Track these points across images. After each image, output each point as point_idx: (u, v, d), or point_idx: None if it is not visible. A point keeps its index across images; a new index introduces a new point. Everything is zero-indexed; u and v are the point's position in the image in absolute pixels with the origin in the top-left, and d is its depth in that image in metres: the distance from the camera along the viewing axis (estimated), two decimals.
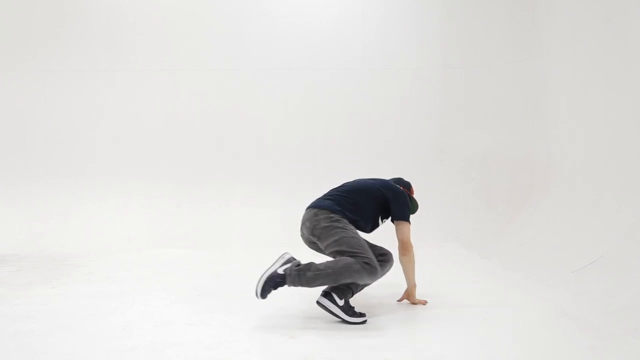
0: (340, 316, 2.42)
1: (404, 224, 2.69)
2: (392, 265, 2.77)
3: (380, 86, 5.72)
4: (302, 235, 2.75)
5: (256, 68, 5.72)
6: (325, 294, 2.45)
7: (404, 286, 2.84)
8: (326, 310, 2.44)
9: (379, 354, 2.04)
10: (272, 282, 2.35)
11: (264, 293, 2.36)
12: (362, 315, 2.47)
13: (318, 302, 2.47)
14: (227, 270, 3.95)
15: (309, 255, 2.79)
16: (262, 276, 2.38)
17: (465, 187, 5.53)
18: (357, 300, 2.70)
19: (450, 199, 5.50)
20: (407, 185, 2.96)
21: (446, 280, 3.49)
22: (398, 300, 2.86)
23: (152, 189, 5.61)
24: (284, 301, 2.88)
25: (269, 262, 2.52)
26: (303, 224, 2.68)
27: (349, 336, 2.27)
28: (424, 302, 2.82)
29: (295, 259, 2.49)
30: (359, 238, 2.56)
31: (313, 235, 2.60)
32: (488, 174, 5.47)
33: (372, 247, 2.72)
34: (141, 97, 5.73)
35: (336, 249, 2.49)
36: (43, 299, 3.00)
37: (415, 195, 2.97)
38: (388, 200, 2.71)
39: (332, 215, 2.57)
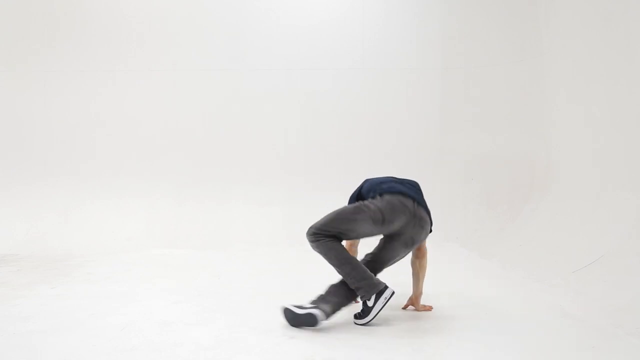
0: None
1: None
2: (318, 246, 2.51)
3: (380, 86, 5.72)
4: (389, 220, 2.58)
5: (256, 68, 5.72)
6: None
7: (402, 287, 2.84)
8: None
9: (380, 354, 2.04)
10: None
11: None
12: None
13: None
14: (227, 270, 3.95)
15: (311, 256, 2.77)
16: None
17: (465, 187, 5.52)
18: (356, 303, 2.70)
19: (450, 199, 5.49)
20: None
21: (446, 280, 3.49)
22: (403, 308, 2.75)
23: (152, 189, 5.60)
24: (284, 301, 2.88)
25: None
26: (413, 218, 2.73)
27: (349, 336, 2.27)
28: (429, 308, 2.73)
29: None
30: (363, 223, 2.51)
31: (415, 241, 2.72)
32: (488, 174, 5.47)
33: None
34: (141, 97, 5.73)
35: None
36: (43, 299, 3.00)
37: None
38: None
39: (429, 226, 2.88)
